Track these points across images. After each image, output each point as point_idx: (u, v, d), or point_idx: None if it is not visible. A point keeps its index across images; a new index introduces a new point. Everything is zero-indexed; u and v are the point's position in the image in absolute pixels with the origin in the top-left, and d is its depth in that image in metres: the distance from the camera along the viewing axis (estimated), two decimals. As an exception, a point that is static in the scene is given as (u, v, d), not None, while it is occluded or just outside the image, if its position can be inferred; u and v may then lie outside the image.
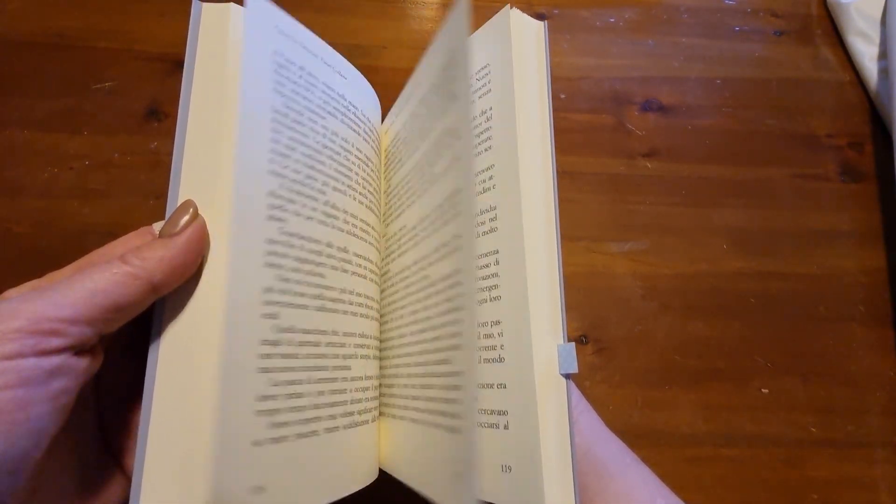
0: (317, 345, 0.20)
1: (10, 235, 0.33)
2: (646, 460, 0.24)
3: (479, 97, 0.23)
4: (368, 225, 0.25)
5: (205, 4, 0.21)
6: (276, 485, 0.18)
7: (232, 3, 0.22)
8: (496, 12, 0.23)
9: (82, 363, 0.17)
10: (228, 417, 0.18)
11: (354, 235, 0.24)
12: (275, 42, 0.22)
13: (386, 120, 0.30)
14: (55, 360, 0.15)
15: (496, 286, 0.20)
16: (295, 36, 0.23)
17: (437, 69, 0.23)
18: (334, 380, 0.21)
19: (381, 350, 0.26)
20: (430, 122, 0.24)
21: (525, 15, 0.22)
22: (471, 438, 0.17)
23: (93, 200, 0.34)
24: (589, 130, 0.39)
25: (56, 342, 0.15)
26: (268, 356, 0.19)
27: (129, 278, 0.17)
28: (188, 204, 0.19)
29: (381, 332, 0.26)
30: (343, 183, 0.23)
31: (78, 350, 0.16)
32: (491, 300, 0.21)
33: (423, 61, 0.25)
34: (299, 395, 0.19)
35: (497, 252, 0.21)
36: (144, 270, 0.17)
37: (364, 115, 0.27)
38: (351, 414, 0.21)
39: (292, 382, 0.19)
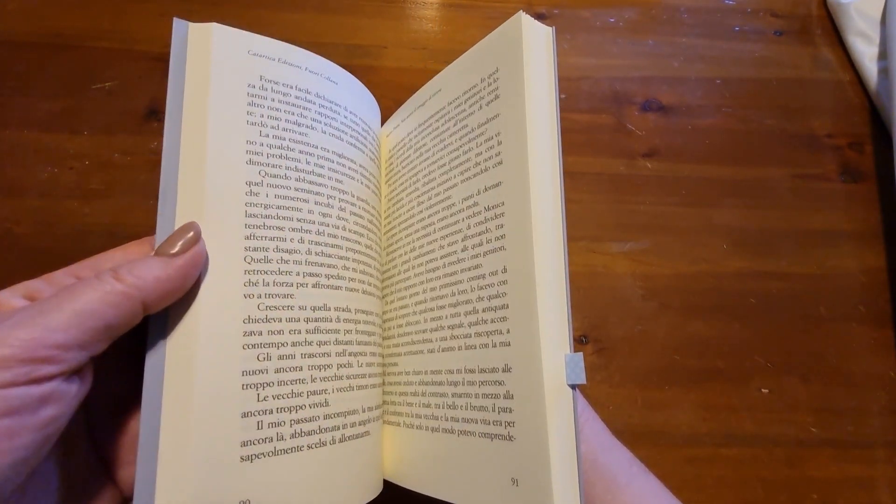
0: (300, 367, 0.21)
1: (11, 235, 0.33)
2: (646, 460, 0.24)
3: (487, 104, 0.23)
4: (363, 236, 0.25)
5: (191, 24, 0.21)
6: (262, 500, 0.18)
7: (213, 24, 0.22)
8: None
9: (73, 388, 0.16)
10: (213, 432, 0.18)
11: (353, 251, 0.24)
12: (249, 65, 0.22)
13: (388, 123, 0.29)
14: (46, 388, 0.15)
15: (504, 293, 0.20)
16: (271, 54, 0.23)
17: (475, 81, 0.23)
18: (323, 391, 0.21)
19: (384, 359, 0.25)
20: (460, 133, 0.24)
21: (535, 21, 0.22)
22: (529, 444, 0.17)
23: (93, 200, 0.34)
24: (589, 130, 0.39)
25: (49, 369, 0.15)
26: (251, 372, 0.19)
27: (123, 298, 0.16)
28: (191, 226, 0.19)
29: (384, 347, 0.26)
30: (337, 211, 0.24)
31: (69, 375, 0.16)
32: (500, 308, 0.20)
33: (452, 70, 0.25)
34: (284, 410, 0.20)
35: (506, 260, 0.20)
36: (139, 290, 0.17)
37: (362, 121, 0.26)
38: (340, 428, 0.21)
39: (277, 396, 0.20)
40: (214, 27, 0.22)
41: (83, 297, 0.16)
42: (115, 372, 0.20)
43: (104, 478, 0.20)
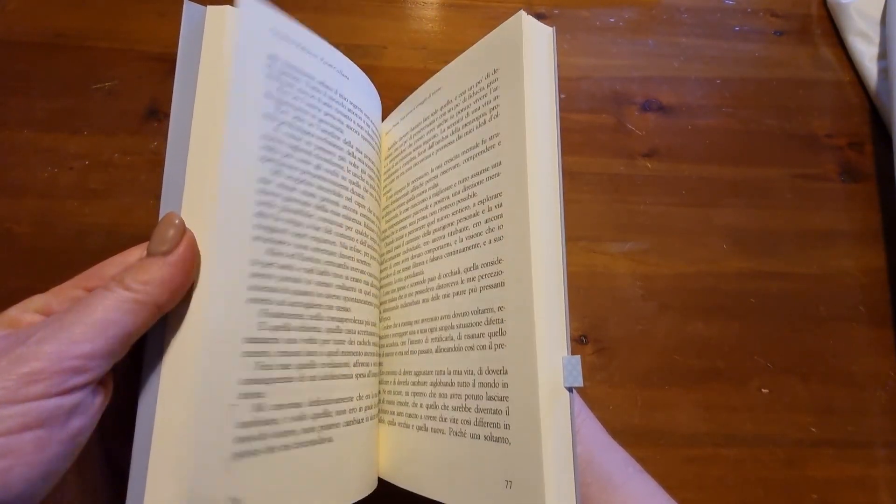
0: (296, 361, 0.20)
1: (11, 235, 0.33)
2: (646, 460, 0.24)
3: (486, 103, 0.23)
4: (366, 236, 0.25)
5: (209, 7, 0.21)
6: (253, 497, 0.18)
7: (228, 6, 0.21)
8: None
9: (98, 399, 0.17)
10: (204, 429, 0.18)
11: (355, 250, 0.24)
12: (269, 46, 0.21)
13: (388, 120, 0.30)
14: (76, 398, 0.15)
15: (502, 295, 0.20)
16: (292, 37, 0.22)
17: (475, 80, 0.23)
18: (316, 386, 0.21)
19: (381, 356, 0.25)
20: (458, 132, 0.23)
21: (536, 21, 0.22)
22: (523, 447, 0.17)
23: (93, 200, 0.34)
24: (589, 130, 0.39)
25: (79, 379, 0.15)
26: (249, 381, 0.19)
27: (138, 306, 0.17)
28: (172, 217, 0.19)
29: (381, 347, 0.26)
30: (344, 192, 0.23)
31: (95, 385, 0.16)
32: (497, 310, 0.20)
33: (453, 69, 0.25)
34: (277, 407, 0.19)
35: (502, 262, 0.20)
36: (150, 296, 0.17)
37: (366, 116, 0.26)
38: (334, 426, 0.21)
39: (264, 394, 0.19)
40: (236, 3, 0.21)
41: (100, 308, 0.16)
42: (124, 380, 0.20)
43: (116, 486, 0.20)
